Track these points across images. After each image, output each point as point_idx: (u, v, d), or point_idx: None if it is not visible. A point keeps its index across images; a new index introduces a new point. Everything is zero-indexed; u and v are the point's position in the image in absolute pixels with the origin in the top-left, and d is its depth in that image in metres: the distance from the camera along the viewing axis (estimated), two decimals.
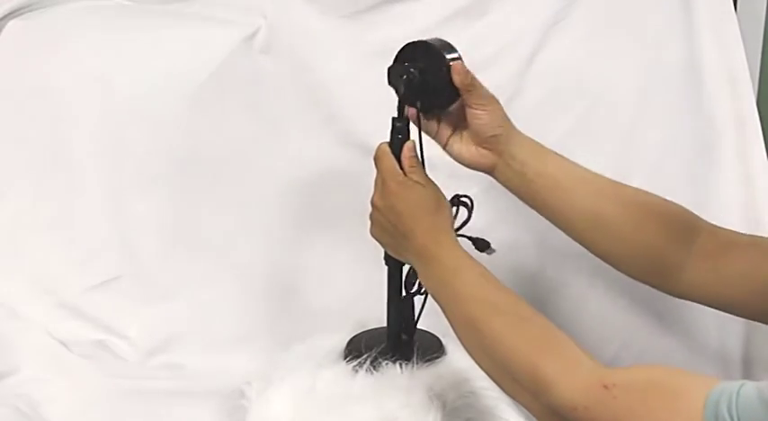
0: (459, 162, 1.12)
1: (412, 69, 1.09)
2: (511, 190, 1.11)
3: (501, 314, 0.93)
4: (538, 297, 1.39)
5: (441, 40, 1.10)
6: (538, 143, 1.10)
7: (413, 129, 1.11)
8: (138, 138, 1.42)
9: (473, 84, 1.07)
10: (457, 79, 1.07)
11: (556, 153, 1.10)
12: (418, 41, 1.10)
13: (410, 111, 1.10)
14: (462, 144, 1.11)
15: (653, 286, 1.11)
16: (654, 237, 1.07)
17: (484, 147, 1.09)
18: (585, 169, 1.10)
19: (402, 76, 1.09)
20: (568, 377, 0.84)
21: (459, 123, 1.11)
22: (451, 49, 1.10)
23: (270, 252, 1.42)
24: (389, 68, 1.10)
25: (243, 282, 1.42)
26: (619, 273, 1.38)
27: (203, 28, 1.45)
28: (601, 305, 1.40)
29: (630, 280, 1.38)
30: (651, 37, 1.42)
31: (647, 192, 1.10)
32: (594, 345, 1.34)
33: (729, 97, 1.40)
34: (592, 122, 1.42)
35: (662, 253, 1.06)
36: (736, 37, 1.41)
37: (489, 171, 1.10)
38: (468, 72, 1.07)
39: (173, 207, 1.42)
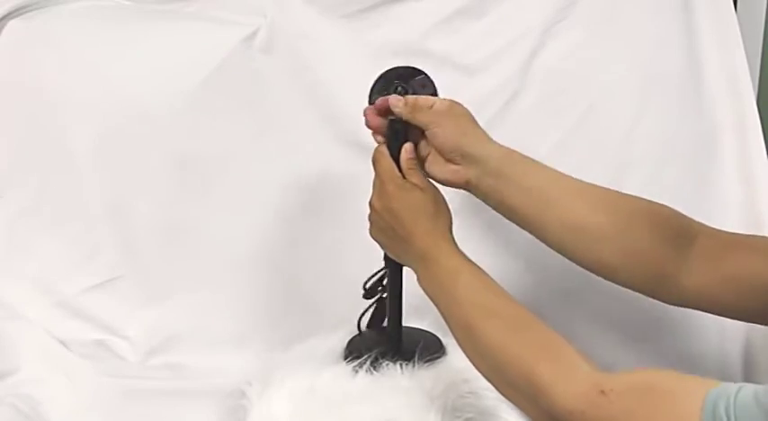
0: (436, 181, 1.09)
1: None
2: (490, 205, 1.08)
3: (497, 318, 0.93)
4: (538, 299, 1.39)
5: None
6: (513, 154, 1.07)
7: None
8: (138, 137, 1.42)
9: (415, 105, 1.07)
10: (397, 112, 1.07)
11: (532, 161, 1.07)
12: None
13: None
14: (433, 163, 1.09)
15: (650, 295, 1.08)
16: (646, 244, 1.04)
17: (453, 163, 1.07)
18: (564, 176, 1.07)
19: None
20: (565, 382, 0.84)
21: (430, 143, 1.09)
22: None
23: (270, 251, 1.42)
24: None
25: (243, 281, 1.42)
26: None
27: (203, 28, 1.45)
28: (600, 307, 1.40)
29: None
30: (651, 37, 1.42)
31: (634, 198, 1.07)
32: (594, 348, 1.34)
33: (729, 97, 1.40)
34: (592, 123, 1.42)
35: (656, 260, 1.04)
36: (737, 37, 1.41)
37: (465, 187, 1.08)
38: (401, 99, 1.07)
39: (173, 207, 1.42)
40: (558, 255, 1.40)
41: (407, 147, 1.07)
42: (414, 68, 1.11)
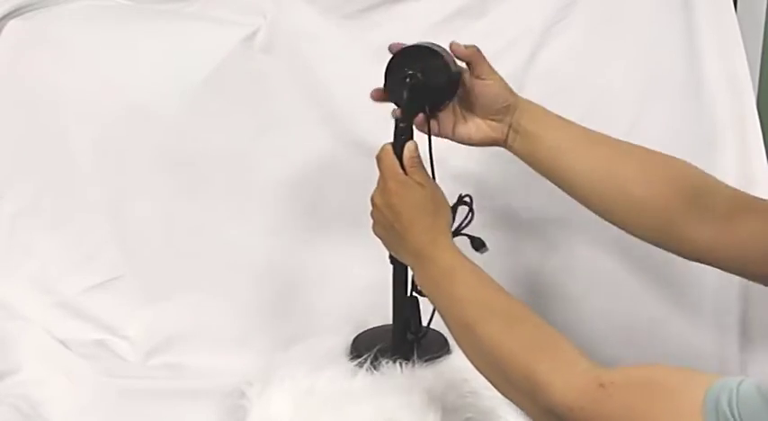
0: (471, 143, 1.14)
1: (412, 71, 1.10)
2: (523, 159, 1.13)
3: (495, 316, 0.93)
4: (538, 297, 1.39)
5: (423, 43, 1.12)
6: (541, 108, 1.13)
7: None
8: (138, 137, 1.42)
9: (479, 53, 1.10)
10: (463, 53, 1.10)
11: (560, 117, 1.13)
12: (404, 50, 1.12)
13: (418, 120, 1.11)
14: (470, 124, 1.13)
15: (663, 247, 1.10)
16: (662, 197, 1.06)
17: (493, 120, 1.12)
18: (590, 131, 1.12)
19: (405, 80, 1.09)
20: (564, 377, 0.84)
21: (461, 106, 1.13)
22: (436, 45, 1.12)
23: (270, 251, 1.42)
24: (387, 83, 1.12)
25: (243, 282, 1.41)
26: (619, 272, 1.39)
27: (203, 28, 1.45)
28: (601, 304, 1.40)
29: (629, 279, 1.39)
30: (651, 37, 1.42)
31: (656, 153, 1.10)
32: (594, 345, 1.34)
33: (729, 97, 1.40)
34: (591, 123, 1.41)
35: (671, 213, 1.06)
36: (737, 37, 1.41)
37: (502, 144, 1.13)
38: (467, 45, 1.10)
39: (173, 207, 1.42)
40: (557, 256, 1.42)
41: (410, 146, 1.08)
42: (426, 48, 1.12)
